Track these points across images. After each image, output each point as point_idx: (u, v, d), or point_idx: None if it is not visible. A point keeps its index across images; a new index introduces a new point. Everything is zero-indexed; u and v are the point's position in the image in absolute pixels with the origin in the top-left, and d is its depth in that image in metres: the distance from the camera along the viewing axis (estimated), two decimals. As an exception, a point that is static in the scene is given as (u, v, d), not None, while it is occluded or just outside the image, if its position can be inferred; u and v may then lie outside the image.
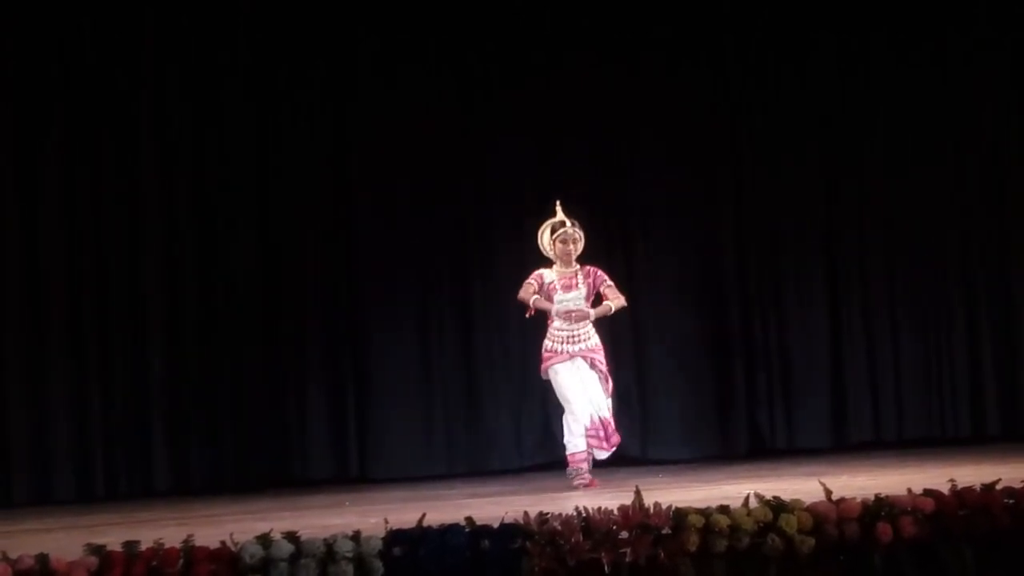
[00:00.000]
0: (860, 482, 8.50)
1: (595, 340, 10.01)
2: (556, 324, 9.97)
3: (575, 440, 9.84)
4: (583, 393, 9.86)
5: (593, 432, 9.84)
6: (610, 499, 6.76)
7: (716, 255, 12.43)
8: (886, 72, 12.56)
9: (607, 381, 10.00)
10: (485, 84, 12.16)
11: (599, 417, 9.86)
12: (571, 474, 9.83)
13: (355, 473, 11.70)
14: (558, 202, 10.12)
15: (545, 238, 10.10)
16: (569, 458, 9.88)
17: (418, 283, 11.94)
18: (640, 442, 12.12)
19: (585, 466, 9.83)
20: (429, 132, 11.91)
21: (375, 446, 11.74)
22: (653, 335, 12.27)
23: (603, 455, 9.98)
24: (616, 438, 10.00)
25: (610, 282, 10.14)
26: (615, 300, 10.11)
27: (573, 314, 9.92)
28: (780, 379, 12.40)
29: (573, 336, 9.93)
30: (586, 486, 9.69)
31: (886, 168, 12.58)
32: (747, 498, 6.56)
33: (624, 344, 12.08)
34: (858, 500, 6.55)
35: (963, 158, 12.62)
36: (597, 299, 10.12)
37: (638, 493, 6.47)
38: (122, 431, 11.29)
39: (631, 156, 12.31)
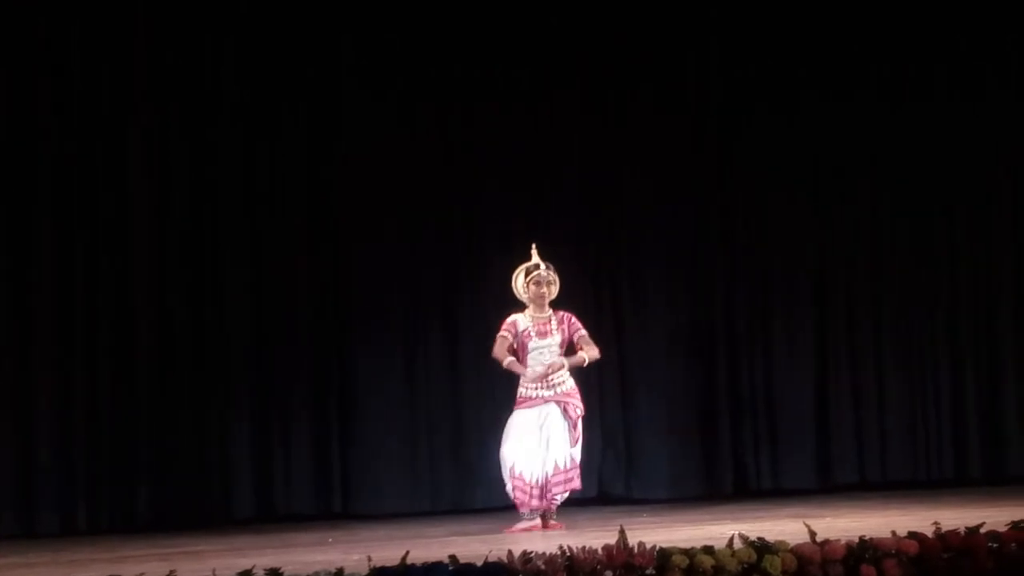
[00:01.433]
0: (844, 524, 8.48)
1: (570, 383, 9.87)
2: (529, 370, 9.84)
3: (506, 481, 9.79)
4: (519, 442, 9.71)
5: (533, 483, 9.68)
6: (594, 538, 6.75)
7: (704, 296, 12.45)
8: (874, 112, 12.62)
9: (575, 428, 9.80)
10: (476, 111, 12.21)
11: (547, 473, 9.65)
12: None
13: (339, 509, 11.64)
14: (533, 245, 10.03)
15: (519, 281, 9.97)
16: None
17: (404, 318, 11.93)
18: (625, 481, 12.12)
19: (524, 510, 9.69)
20: (417, 174, 12.00)
21: (359, 482, 11.68)
22: (640, 375, 12.27)
23: (536, 504, 9.75)
24: (577, 483, 9.79)
25: (583, 331, 9.98)
26: (589, 351, 9.97)
27: (549, 369, 9.76)
28: (766, 420, 12.40)
29: (546, 380, 9.78)
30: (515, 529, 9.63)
31: (874, 215, 12.64)
32: (731, 539, 6.55)
33: (611, 383, 12.12)
34: (842, 542, 6.55)
35: (951, 204, 12.68)
36: (570, 347, 10.00)
37: (622, 532, 6.46)
38: (106, 465, 11.20)
39: (619, 201, 12.38)
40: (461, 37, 12.15)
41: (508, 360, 9.87)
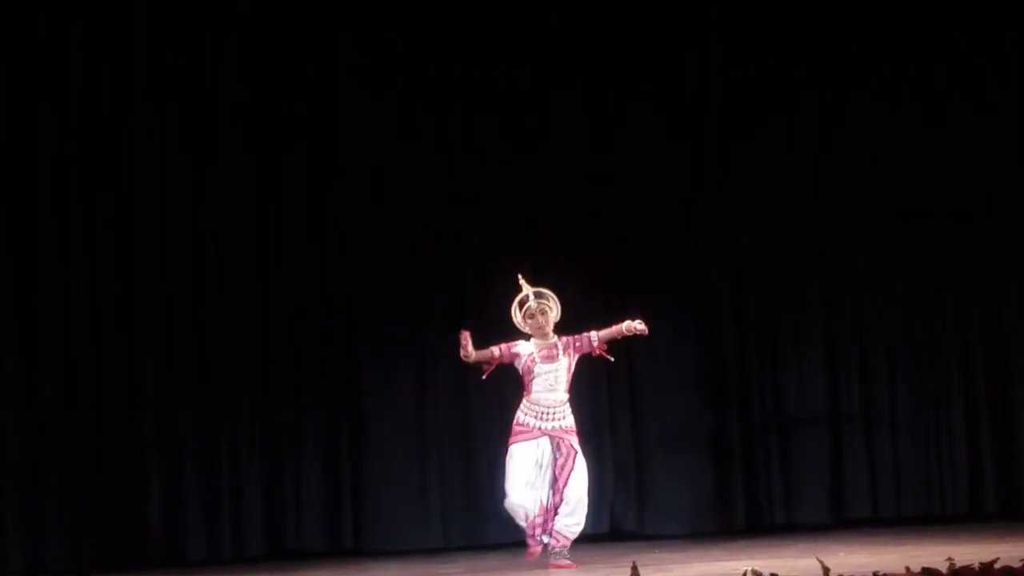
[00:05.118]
0: (858, 559, 8.47)
1: (570, 420, 9.65)
2: (532, 398, 9.63)
3: (519, 524, 9.62)
4: (526, 485, 9.52)
5: (534, 520, 9.51)
6: (607, 575, 6.77)
7: (713, 329, 12.34)
8: (880, 137, 12.53)
9: (566, 464, 9.55)
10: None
11: (543, 506, 9.52)
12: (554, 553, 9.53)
13: (350, 545, 11.58)
14: (520, 276, 9.89)
15: (517, 316, 9.81)
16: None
17: (415, 351, 11.85)
18: (637, 517, 12.02)
19: (538, 546, 9.52)
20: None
21: (371, 518, 11.62)
22: (651, 409, 12.17)
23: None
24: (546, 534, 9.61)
25: (592, 331, 9.74)
26: (610, 328, 9.79)
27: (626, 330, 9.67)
28: (778, 454, 12.30)
29: (547, 412, 9.60)
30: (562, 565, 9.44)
31: (883, 244, 12.52)
32: (745, 574, 6.57)
33: (622, 417, 12.07)
34: (856, 578, 6.58)
35: (958, 232, 12.54)
36: (586, 358, 9.85)
37: (635, 569, 6.48)
38: (115, 500, 11.15)
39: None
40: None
41: (473, 352, 9.62)
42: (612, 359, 10.02)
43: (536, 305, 9.73)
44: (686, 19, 12.46)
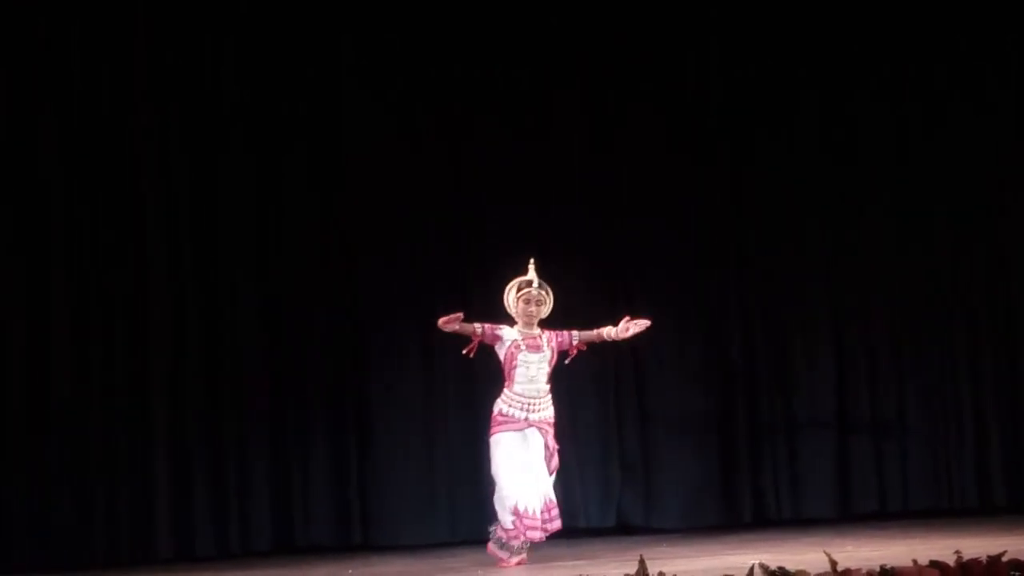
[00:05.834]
0: (865, 553, 8.46)
1: (551, 412, 9.70)
2: (516, 389, 9.63)
3: (506, 517, 9.52)
4: (517, 473, 9.50)
5: (535, 516, 9.46)
6: (614, 569, 6.75)
7: (720, 322, 12.35)
8: (886, 145, 12.55)
9: (552, 457, 9.65)
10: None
11: (548, 498, 9.52)
12: (499, 546, 9.56)
13: (358, 540, 11.57)
14: (531, 260, 9.92)
15: (510, 296, 9.81)
16: (504, 533, 9.59)
17: (419, 350, 11.83)
18: (644, 511, 12.02)
19: (516, 543, 9.49)
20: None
21: (378, 513, 11.63)
22: (657, 402, 12.17)
23: (537, 536, 9.56)
24: (557, 524, 9.60)
25: (573, 331, 9.78)
26: (591, 331, 9.80)
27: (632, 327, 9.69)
28: (785, 449, 12.29)
29: (532, 403, 9.62)
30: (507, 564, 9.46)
31: (883, 244, 12.50)
32: (752, 568, 6.54)
33: (629, 411, 12.07)
34: (864, 571, 6.54)
35: (964, 232, 12.53)
36: (562, 356, 9.84)
37: (642, 562, 6.46)
38: (124, 496, 11.13)
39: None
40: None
41: (455, 323, 9.62)
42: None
43: (536, 293, 9.74)
44: (686, 19, 12.46)
